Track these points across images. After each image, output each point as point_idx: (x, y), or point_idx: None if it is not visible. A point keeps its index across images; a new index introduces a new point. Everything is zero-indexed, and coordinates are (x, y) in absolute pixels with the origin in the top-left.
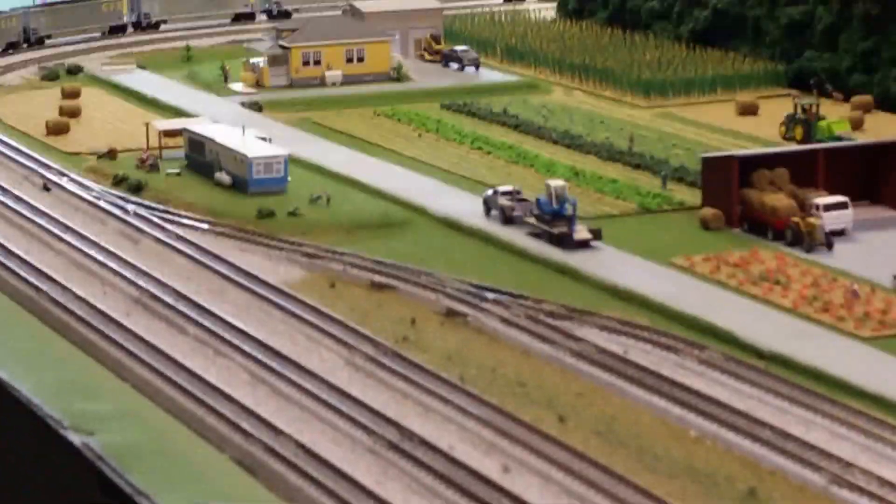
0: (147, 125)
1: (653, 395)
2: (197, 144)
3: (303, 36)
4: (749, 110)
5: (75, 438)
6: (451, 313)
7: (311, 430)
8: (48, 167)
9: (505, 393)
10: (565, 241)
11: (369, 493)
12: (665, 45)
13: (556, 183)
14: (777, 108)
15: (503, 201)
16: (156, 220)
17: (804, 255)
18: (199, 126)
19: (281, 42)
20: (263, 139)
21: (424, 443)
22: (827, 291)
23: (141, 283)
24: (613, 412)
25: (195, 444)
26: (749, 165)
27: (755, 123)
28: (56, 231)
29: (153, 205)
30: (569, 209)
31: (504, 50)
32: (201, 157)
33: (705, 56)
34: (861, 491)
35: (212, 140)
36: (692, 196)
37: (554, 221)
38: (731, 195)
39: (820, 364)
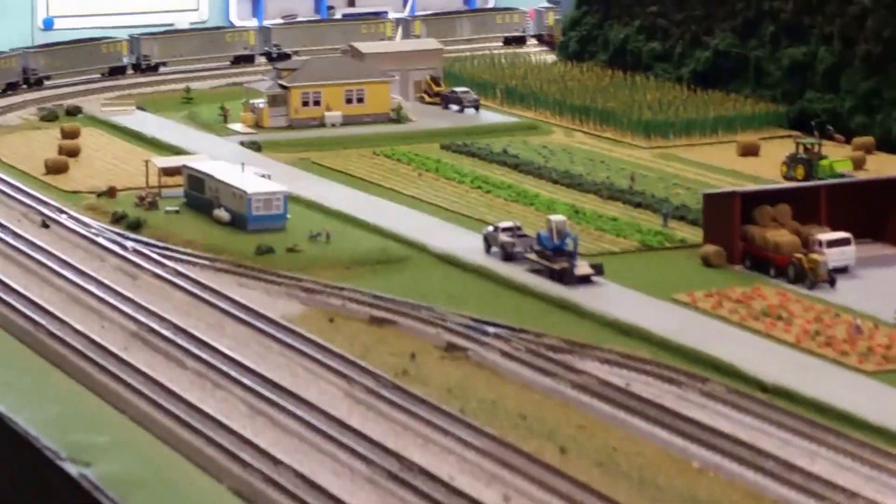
0: (146, 162)
1: (655, 427)
2: (196, 181)
3: (302, 76)
4: (750, 151)
5: (72, 469)
6: (451, 347)
7: (309, 460)
8: (47, 205)
9: (505, 425)
10: (566, 277)
11: None
12: (666, 87)
13: (556, 218)
14: (779, 148)
15: (504, 237)
16: (154, 256)
17: (807, 292)
18: (198, 163)
19: (280, 82)
20: (264, 176)
21: (424, 472)
22: (830, 327)
23: (139, 317)
24: (615, 444)
25: (193, 475)
26: (751, 202)
27: (757, 164)
28: (54, 267)
29: (152, 241)
30: (570, 244)
31: (504, 92)
32: (200, 195)
33: (706, 97)
34: None
35: (211, 177)
36: (694, 234)
37: (555, 257)
38: (733, 231)
39: (823, 397)
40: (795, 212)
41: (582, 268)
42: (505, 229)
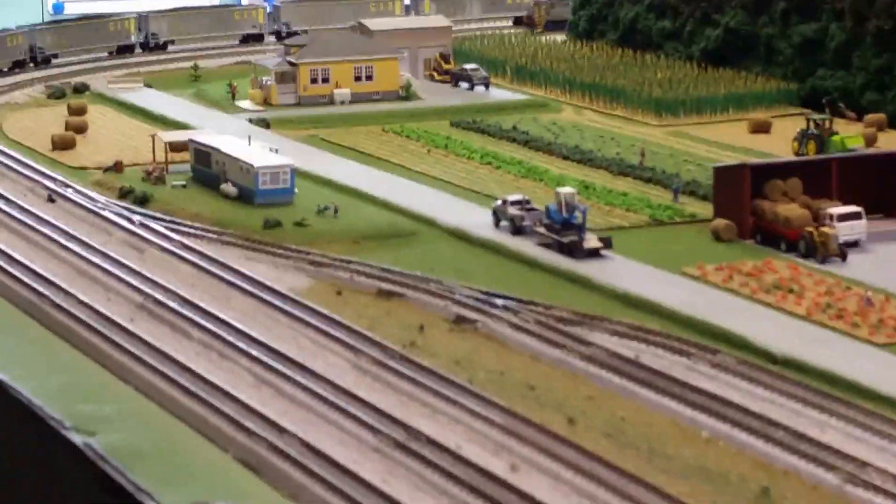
0: (153, 137)
1: (664, 398)
2: (203, 155)
3: (311, 53)
4: (761, 128)
5: (77, 439)
6: (459, 320)
7: (316, 430)
8: (53, 180)
9: (514, 396)
10: (575, 250)
11: (375, 491)
12: (676, 65)
13: (565, 190)
14: (790, 126)
15: (513, 211)
16: (161, 229)
17: (818, 266)
18: (205, 137)
19: (289, 59)
20: (272, 150)
21: (431, 442)
22: (841, 299)
23: (145, 289)
24: (624, 414)
25: (198, 444)
26: (762, 176)
27: (768, 141)
28: (60, 240)
29: (159, 215)
30: (579, 217)
31: (514, 70)
32: (207, 169)
33: (717, 75)
34: (876, 490)
35: (218, 150)
36: (704, 209)
37: (564, 230)
38: (744, 205)
39: (834, 368)
40: (806, 186)
41: (591, 241)
42: (514, 202)
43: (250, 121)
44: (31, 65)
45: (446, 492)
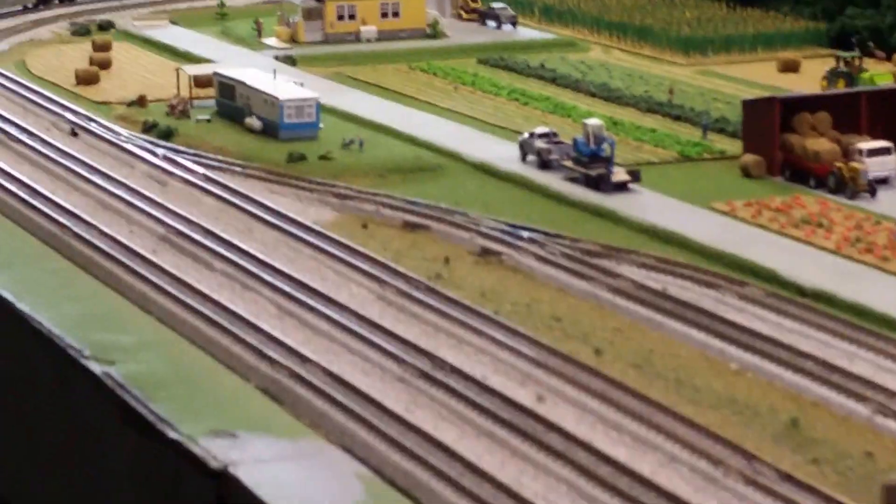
0: (177, 71)
1: (692, 329)
2: (227, 89)
3: None
4: (790, 67)
5: (96, 367)
6: (485, 252)
7: (339, 360)
8: (77, 114)
9: (540, 328)
10: (603, 183)
11: (398, 420)
12: (704, 5)
13: (593, 122)
14: (818, 65)
15: (539, 144)
16: (185, 162)
17: (847, 201)
18: (229, 70)
19: None
20: (297, 83)
21: (456, 371)
22: (870, 234)
23: (168, 221)
24: (651, 346)
25: (219, 373)
26: (790, 109)
27: (796, 80)
28: (83, 173)
29: (182, 149)
30: (606, 150)
31: (541, 10)
32: (231, 103)
33: (745, 15)
34: None
35: (242, 83)
36: (733, 146)
37: (591, 163)
38: (773, 139)
39: (863, 301)
40: (835, 120)
41: (618, 174)
42: (541, 136)
43: (276, 58)
44: (56, 2)
45: (471, 421)
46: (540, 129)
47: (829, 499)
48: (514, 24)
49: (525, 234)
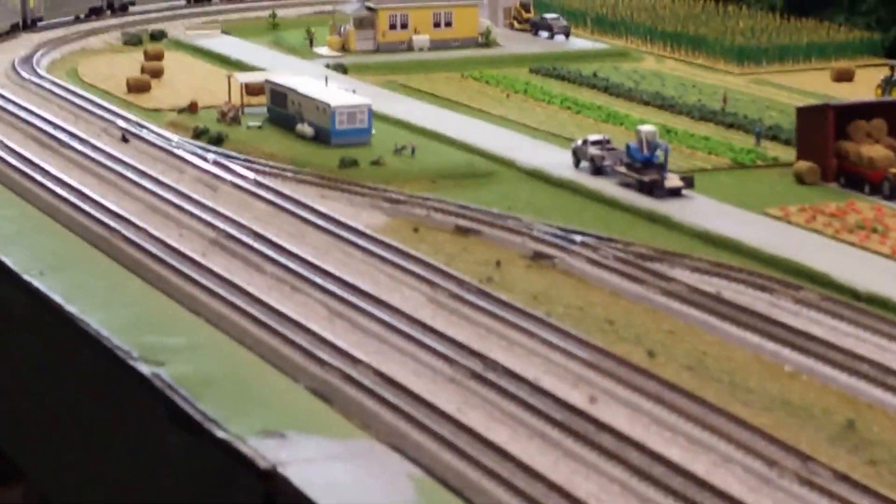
0: (229, 78)
1: (746, 332)
2: (279, 96)
3: None
4: (844, 76)
5: (144, 368)
6: (537, 256)
7: (389, 361)
8: (128, 120)
9: (592, 330)
10: (656, 189)
11: (450, 420)
12: (759, 15)
13: (646, 128)
14: (873, 74)
15: (593, 150)
16: (236, 168)
17: None
18: (281, 77)
19: (368, 4)
20: (349, 90)
21: (508, 373)
22: None
23: (218, 224)
24: (705, 348)
25: (268, 374)
26: (845, 116)
27: (851, 88)
28: (133, 178)
29: (233, 154)
30: (660, 156)
31: (594, 20)
32: (283, 110)
33: (799, 25)
34: None
35: (294, 91)
36: (787, 153)
37: (644, 169)
38: (827, 146)
39: None
40: (891, 128)
41: (672, 180)
42: (594, 142)
43: (328, 66)
44: (108, 12)
45: (523, 422)
46: (593, 137)
47: (887, 499)
48: (566, 34)
49: (578, 238)
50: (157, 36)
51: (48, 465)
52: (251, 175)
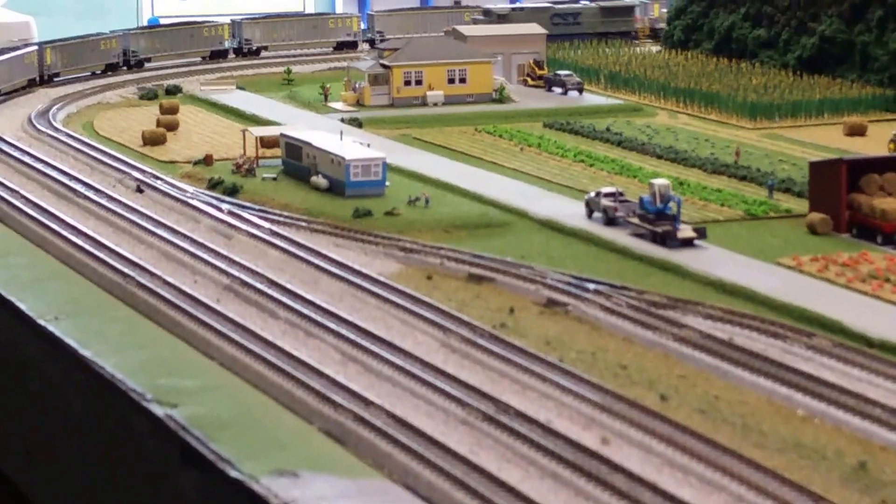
0: (244, 132)
1: (758, 377)
2: (294, 149)
3: (405, 56)
4: (857, 131)
5: (158, 410)
6: (550, 303)
7: (402, 404)
8: (143, 172)
9: (605, 375)
10: (669, 239)
11: (462, 461)
12: (771, 73)
13: (659, 182)
14: (885, 129)
15: (606, 202)
16: (250, 217)
17: None
18: (296, 132)
19: (382, 61)
20: (363, 144)
21: (521, 415)
22: None
23: (232, 271)
24: (717, 393)
25: (282, 416)
26: (858, 170)
27: (863, 143)
28: (148, 226)
29: (248, 204)
30: (673, 208)
31: (608, 77)
32: (298, 163)
33: (812, 82)
34: None
35: (309, 144)
36: (799, 205)
37: (657, 220)
38: (840, 199)
39: None
40: None
41: (685, 231)
42: (607, 195)
43: (342, 120)
44: (125, 68)
45: (535, 462)
46: (606, 189)
47: None
48: (580, 90)
49: (591, 286)
50: (173, 91)
51: (60, 503)
52: (266, 224)
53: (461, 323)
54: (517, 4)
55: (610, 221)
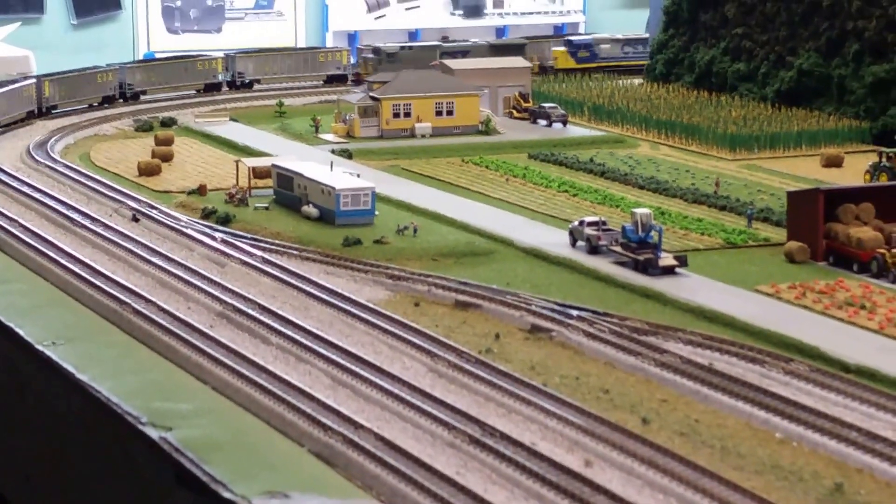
0: (237, 163)
1: (737, 401)
2: (285, 179)
3: (393, 88)
4: (834, 162)
5: (152, 432)
6: (535, 329)
7: (391, 426)
8: (138, 201)
9: (588, 399)
10: (650, 267)
11: (449, 482)
12: (751, 105)
13: (641, 211)
14: (862, 160)
15: (589, 231)
16: (243, 245)
17: (889, 285)
18: (287, 163)
19: (372, 94)
20: (353, 174)
21: (506, 438)
22: None
23: (226, 298)
24: (698, 416)
25: (273, 438)
26: (834, 200)
27: (840, 174)
28: (143, 254)
29: (240, 233)
30: (654, 236)
31: (591, 109)
32: (289, 192)
33: (790, 114)
34: None
35: (300, 175)
36: (777, 234)
37: (639, 249)
38: (817, 228)
39: None
40: (878, 211)
41: (666, 259)
42: (590, 224)
43: (333, 151)
44: (121, 100)
45: (520, 484)
46: (589, 218)
47: None
48: (564, 122)
49: (574, 312)
50: (168, 123)
51: None
52: (258, 253)
53: (448, 348)
54: (416, 43)
55: (593, 250)
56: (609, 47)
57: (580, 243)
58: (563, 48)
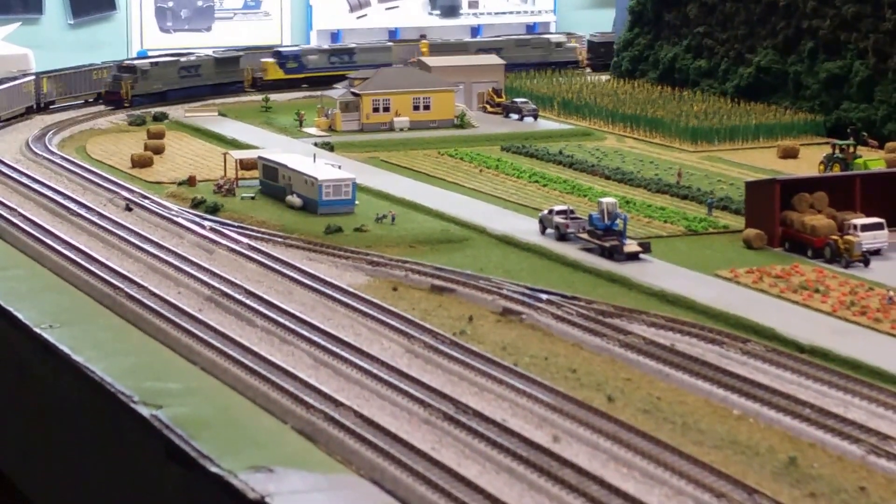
0: (225, 155)
1: (697, 380)
2: (270, 171)
3: (373, 84)
4: (790, 154)
5: (144, 411)
6: (506, 312)
7: (370, 404)
8: (131, 192)
9: (556, 377)
10: (616, 253)
11: (425, 457)
12: (711, 100)
13: (607, 200)
14: (817, 152)
15: (558, 219)
16: (230, 233)
17: (842, 270)
18: (273, 155)
19: (353, 90)
20: (335, 166)
21: (478, 415)
22: (864, 298)
23: (214, 283)
24: (660, 394)
25: (258, 416)
26: (790, 190)
27: (795, 165)
28: (135, 241)
29: (228, 222)
30: (619, 224)
31: (560, 104)
32: (274, 183)
33: (749, 108)
34: None
35: (284, 166)
36: (736, 222)
37: (605, 236)
38: (774, 216)
39: (858, 356)
40: (832, 200)
41: (630, 246)
42: (559, 212)
43: (316, 144)
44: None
45: (492, 458)
46: (558, 207)
47: None
48: (535, 116)
49: (544, 296)
50: (160, 117)
51: (55, 498)
52: (245, 240)
53: (424, 330)
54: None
55: (562, 237)
56: (316, 58)
57: (549, 231)
58: (272, 59)
